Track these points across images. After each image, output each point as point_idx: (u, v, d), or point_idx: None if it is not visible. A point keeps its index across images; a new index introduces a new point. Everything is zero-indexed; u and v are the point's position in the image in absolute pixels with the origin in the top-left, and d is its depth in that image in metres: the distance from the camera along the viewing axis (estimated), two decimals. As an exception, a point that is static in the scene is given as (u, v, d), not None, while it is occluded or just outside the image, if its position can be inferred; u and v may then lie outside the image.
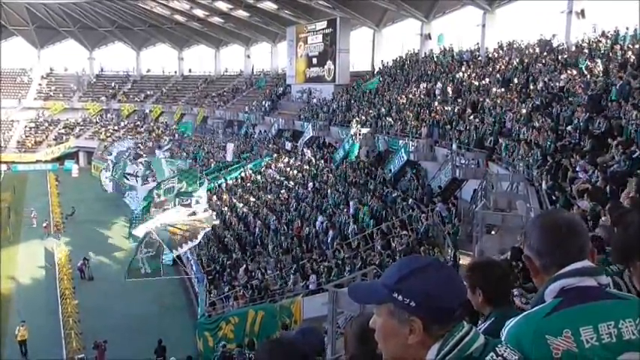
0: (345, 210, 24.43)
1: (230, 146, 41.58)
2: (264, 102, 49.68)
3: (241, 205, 31.27)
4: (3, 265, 27.69)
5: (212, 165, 42.41)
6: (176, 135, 56.52)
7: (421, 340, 1.48)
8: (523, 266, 7.75)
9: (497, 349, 1.50)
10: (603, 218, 6.69)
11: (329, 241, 22.94)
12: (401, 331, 1.50)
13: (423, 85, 32.27)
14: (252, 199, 31.62)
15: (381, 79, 38.94)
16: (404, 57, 40.12)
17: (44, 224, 35.20)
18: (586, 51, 23.69)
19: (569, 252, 1.78)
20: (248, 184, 34.86)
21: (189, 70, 68.60)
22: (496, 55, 30.62)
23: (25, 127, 64.50)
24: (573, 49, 25.60)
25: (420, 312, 1.46)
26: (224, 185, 36.43)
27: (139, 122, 63.10)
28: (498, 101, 24.08)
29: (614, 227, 5.15)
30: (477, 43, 33.64)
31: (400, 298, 1.48)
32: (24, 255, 31.19)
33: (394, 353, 1.56)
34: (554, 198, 13.42)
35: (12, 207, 38.37)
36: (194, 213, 25.46)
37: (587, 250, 1.82)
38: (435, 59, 35.69)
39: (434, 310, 1.46)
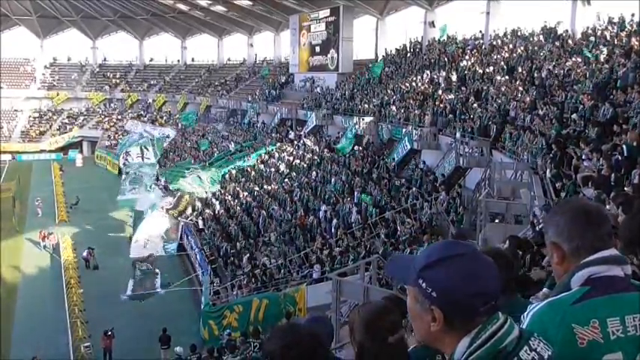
0: (349, 199, 24.44)
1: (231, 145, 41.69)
2: (267, 91, 49.58)
3: (245, 194, 31.31)
4: (9, 254, 27.85)
5: (215, 154, 42.42)
6: (179, 124, 56.53)
7: (443, 329, 1.43)
8: (524, 255, 7.76)
9: (530, 342, 1.44)
10: (608, 207, 6.66)
11: (332, 230, 23.00)
12: (424, 317, 1.46)
13: (426, 74, 32.13)
14: (255, 188, 31.65)
15: (383, 65, 38.90)
16: (407, 45, 39.92)
17: (41, 234, 30.99)
18: (592, 39, 23.51)
19: (601, 236, 1.75)
20: (252, 173, 34.88)
21: (192, 59, 68.42)
22: (500, 42, 30.43)
23: (29, 116, 64.65)
24: (579, 36, 25.43)
25: (440, 303, 1.41)
26: (227, 175, 36.45)
27: (142, 112, 63.12)
28: (502, 89, 23.97)
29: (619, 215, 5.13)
30: (481, 31, 33.42)
31: (424, 285, 1.43)
32: (29, 244, 31.30)
33: (421, 337, 1.53)
34: (557, 186, 13.40)
35: (17, 196, 38.48)
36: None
37: (613, 238, 1.80)
38: (439, 47, 35.47)
39: (453, 305, 1.40)
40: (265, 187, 31.13)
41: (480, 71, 27.71)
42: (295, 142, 36.97)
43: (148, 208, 28.78)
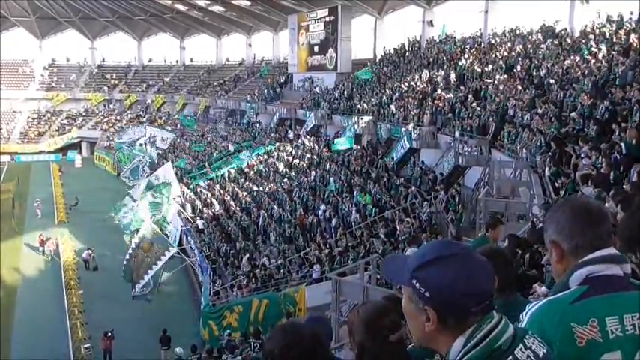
0: (348, 198, 24.44)
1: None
2: (266, 91, 49.58)
3: (244, 194, 31.31)
4: (8, 256, 27.81)
5: (214, 154, 42.44)
6: (178, 125, 56.49)
7: (438, 329, 1.43)
8: (523, 253, 7.76)
9: (525, 340, 1.44)
10: (607, 205, 6.66)
11: (332, 229, 22.99)
12: (418, 317, 1.46)
13: (425, 73, 32.12)
14: (255, 188, 31.64)
15: (372, 69, 38.89)
16: (406, 44, 39.92)
17: (40, 238, 30.55)
18: (591, 37, 23.51)
19: (601, 234, 1.74)
20: (250, 173, 34.88)
21: (191, 60, 68.36)
22: (499, 41, 30.43)
23: (28, 117, 64.58)
24: (577, 34, 25.44)
25: (434, 303, 1.41)
26: (227, 175, 36.49)
27: (141, 112, 63.10)
28: (501, 88, 23.97)
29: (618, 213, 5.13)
30: (480, 30, 33.43)
31: (417, 285, 1.43)
32: (28, 249, 31.21)
33: (417, 337, 1.54)
34: (557, 185, 13.40)
35: (16, 197, 38.46)
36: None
37: (612, 237, 1.80)
38: (438, 46, 35.46)
39: (447, 305, 1.40)
40: (264, 187, 31.13)
41: (479, 70, 27.71)
42: (294, 142, 36.96)
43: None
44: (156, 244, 22.91)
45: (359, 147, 29.69)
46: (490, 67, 27.31)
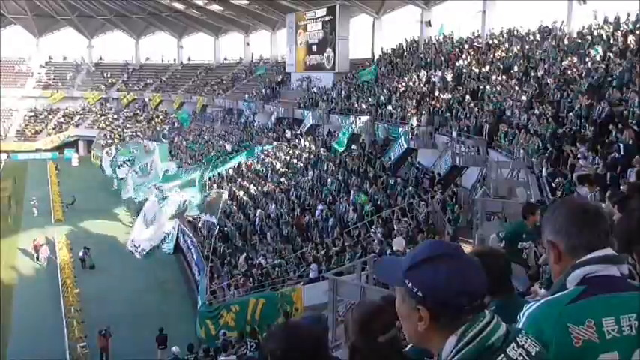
0: (346, 198, 24.44)
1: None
2: (263, 90, 49.54)
3: (241, 193, 31.27)
4: (5, 254, 27.74)
5: (212, 153, 42.39)
6: (175, 123, 56.43)
7: (431, 328, 1.45)
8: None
9: (518, 339, 1.45)
10: (603, 205, 6.67)
11: (329, 229, 22.98)
12: (411, 316, 1.48)
13: (423, 73, 32.13)
14: (252, 187, 31.61)
15: (377, 69, 38.81)
16: (404, 45, 39.91)
17: (33, 243, 29.61)
18: (588, 37, 23.55)
19: (598, 235, 1.74)
20: (248, 173, 34.85)
21: (189, 59, 68.32)
22: (496, 41, 30.46)
23: (25, 116, 64.42)
24: (574, 35, 25.48)
25: (426, 303, 1.43)
26: (224, 174, 36.45)
27: (138, 111, 63.02)
28: (498, 88, 23.99)
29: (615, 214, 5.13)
30: (478, 30, 33.45)
31: (410, 285, 1.45)
32: (25, 244, 31.16)
33: (410, 337, 1.55)
34: (553, 185, 13.43)
35: (13, 196, 38.37)
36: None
37: (610, 237, 1.80)
38: (435, 46, 35.47)
39: (439, 304, 1.42)
40: (262, 186, 31.09)
41: (477, 70, 27.73)
42: (292, 142, 36.93)
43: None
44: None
45: (356, 147, 29.70)
46: (488, 67, 27.33)
